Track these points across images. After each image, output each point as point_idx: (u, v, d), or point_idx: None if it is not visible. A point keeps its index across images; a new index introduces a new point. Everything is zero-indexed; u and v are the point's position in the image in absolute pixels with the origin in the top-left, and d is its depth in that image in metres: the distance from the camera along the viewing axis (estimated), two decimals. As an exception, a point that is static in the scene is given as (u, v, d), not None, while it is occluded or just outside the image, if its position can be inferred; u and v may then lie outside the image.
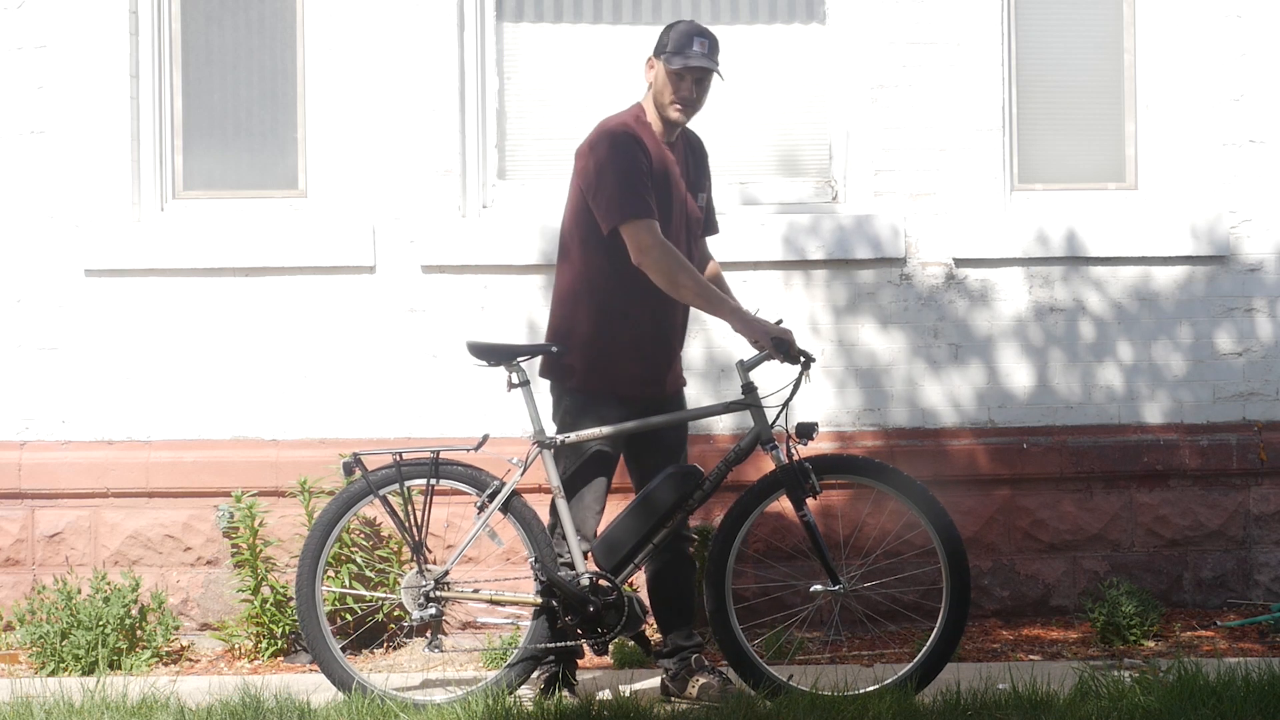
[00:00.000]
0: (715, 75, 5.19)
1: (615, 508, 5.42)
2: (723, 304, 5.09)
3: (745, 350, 5.20)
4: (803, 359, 5.07)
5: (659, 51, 5.18)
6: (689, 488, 5.10)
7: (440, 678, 5.66)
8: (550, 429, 5.22)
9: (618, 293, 5.14)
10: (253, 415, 6.47)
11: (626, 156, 5.05)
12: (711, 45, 5.18)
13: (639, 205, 5.03)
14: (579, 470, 5.18)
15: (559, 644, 5.09)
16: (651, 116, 5.22)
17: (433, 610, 5.13)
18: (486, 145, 6.61)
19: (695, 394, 6.43)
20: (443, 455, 5.20)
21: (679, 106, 5.16)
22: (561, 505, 5.13)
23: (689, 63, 5.10)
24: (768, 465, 5.18)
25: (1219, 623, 6.28)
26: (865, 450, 6.35)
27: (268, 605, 6.10)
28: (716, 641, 5.17)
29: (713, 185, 5.50)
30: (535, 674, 5.19)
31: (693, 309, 5.33)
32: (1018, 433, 6.53)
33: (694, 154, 5.38)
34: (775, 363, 5.10)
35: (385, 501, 5.19)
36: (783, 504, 5.20)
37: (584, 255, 5.17)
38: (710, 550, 5.18)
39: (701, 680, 5.20)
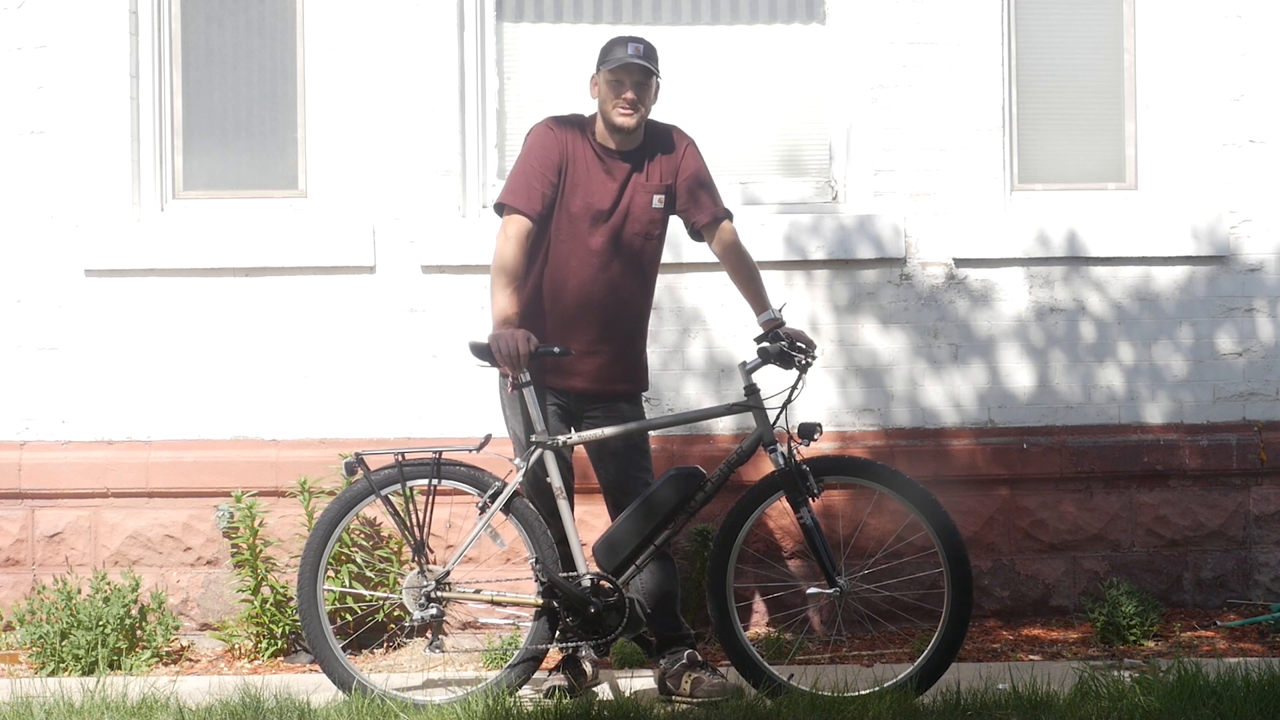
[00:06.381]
0: (655, 78, 5.28)
1: (585, 510, 5.42)
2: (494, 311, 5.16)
3: (747, 351, 5.19)
4: (798, 363, 5.08)
5: (597, 67, 5.31)
6: (691, 489, 5.10)
7: (441, 678, 5.66)
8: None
9: (546, 278, 5.27)
10: (253, 415, 6.47)
11: (530, 148, 5.30)
12: (646, 50, 5.28)
13: (514, 196, 5.22)
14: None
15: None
16: (600, 129, 5.34)
17: (433, 611, 5.13)
18: (486, 145, 6.61)
19: (696, 394, 6.44)
20: (444, 455, 5.21)
21: (624, 110, 5.25)
22: (563, 506, 5.14)
23: (621, 61, 5.21)
24: (770, 467, 5.18)
25: (1219, 623, 6.28)
26: (866, 450, 6.35)
27: (268, 605, 6.10)
28: (718, 641, 5.18)
29: (705, 171, 5.44)
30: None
31: (653, 304, 5.47)
32: (1018, 433, 6.53)
33: (664, 151, 5.38)
34: (777, 365, 5.11)
35: (387, 501, 5.19)
36: (783, 504, 5.20)
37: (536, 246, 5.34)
38: (711, 551, 5.18)
39: (694, 675, 5.18)
